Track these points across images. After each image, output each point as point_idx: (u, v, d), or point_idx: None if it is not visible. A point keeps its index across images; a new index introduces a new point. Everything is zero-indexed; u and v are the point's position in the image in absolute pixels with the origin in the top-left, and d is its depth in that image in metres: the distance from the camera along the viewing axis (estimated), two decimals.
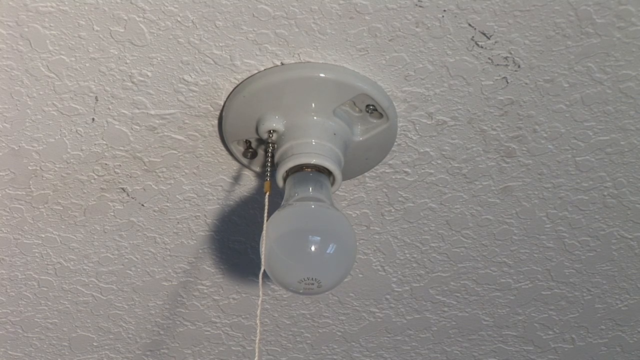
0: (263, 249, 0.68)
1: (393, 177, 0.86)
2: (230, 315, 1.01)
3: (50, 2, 0.68)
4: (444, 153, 0.83)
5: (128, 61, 0.73)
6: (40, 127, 0.78)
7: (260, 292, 0.63)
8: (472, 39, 0.73)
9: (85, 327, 1.00)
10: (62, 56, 0.72)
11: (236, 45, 0.72)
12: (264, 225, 0.68)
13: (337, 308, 1.01)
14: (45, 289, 0.94)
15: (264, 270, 0.69)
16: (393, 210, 0.90)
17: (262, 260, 0.65)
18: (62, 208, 0.86)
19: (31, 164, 0.81)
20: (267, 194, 0.71)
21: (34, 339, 1.00)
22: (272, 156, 0.76)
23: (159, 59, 0.73)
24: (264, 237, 0.69)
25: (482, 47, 0.73)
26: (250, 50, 0.72)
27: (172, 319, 1.01)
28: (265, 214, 0.69)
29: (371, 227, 0.91)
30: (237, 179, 0.85)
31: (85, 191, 0.84)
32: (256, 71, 0.74)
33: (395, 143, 0.81)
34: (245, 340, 1.04)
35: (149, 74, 0.74)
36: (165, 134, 0.79)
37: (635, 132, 0.83)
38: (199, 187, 0.85)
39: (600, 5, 0.70)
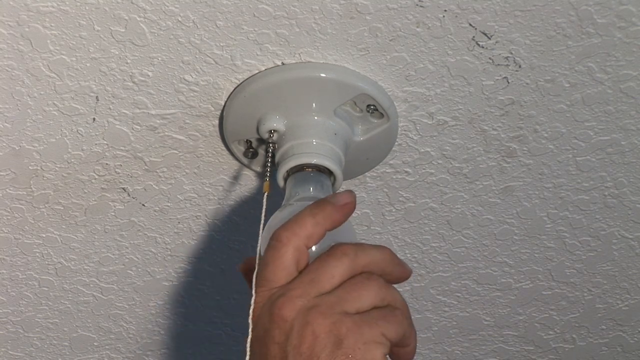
0: (259, 249, 0.68)
1: (394, 177, 0.86)
2: (231, 315, 1.01)
3: (51, 2, 0.68)
4: (444, 153, 0.83)
5: (129, 61, 0.73)
6: (41, 127, 0.78)
7: (254, 291, 0.63)
8: (472, 39, 0.73)
9: (86, 327, 1.00)
10: (63, 56, 0.72)
11: (237, 45, 0.72)
12: (260, 226, 0.68)
13: None
14: (46, 288, 0.94)
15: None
16: (394, 210, 0.90)
17: (257, 260, 0.65)
18: (62, 208, 0.86)
19: (32, 163, 0.81)
20: (266, 194, 0.71)
21: (35, 338, 1.01)
22: (273, 156, 0.76)
23: (159, 58, 0.73)
24: (261, 238, 0.69)
25: (482, 47, 0.73)
26: (251, 50, 0.72)
27: (172, 319, 1.01)
28: (263, 215, 0.69)
29: (372, 227, 0.91)
30: (237, 178, 0.85)
31: (86, 191, 0.84)
32: (257, 71, 0.74)
33: (396, 143, 0.81)
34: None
35: (150, 73, 0.74)
36: (166, 133, 0.79)
37: (636, 132, 0.83)
38: (199, 187, 0.85)
39: (601, 5, 0.70)
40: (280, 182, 0.74)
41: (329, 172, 0.74)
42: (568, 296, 1.02)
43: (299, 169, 0.73)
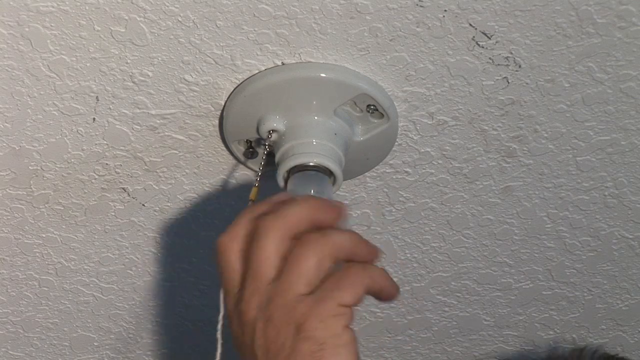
0: None
1: (394, 177, 0.86)
2: None
3: (51, 2, 0.68)
4: (444, 153, 0.83)
5: (129, 61, 0.73)
6: (41, 127, 0.78)
7: (222, 307, 0.64)
8: (472, 39, 0.73)
9: (86, 327, 1.00)
10: (63, 56, 0.72)
11: (237, 45, 0.72)
12: None
13: None
14: (46, 288, 0.94)
15: None
16: (394, 210, 0.90)
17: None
18: (62, 208, 0.86)
19: (32, 163, 0.81)
20: (251, 202, 0.70)
21: (35, 338, 1.01)
22: (271, 156, 0.76)
23: (159, 58, 0.73)
24: None
25: (483, 47, 0.73)
26: (251, 50, 0.72)
27: (172, 319, 1.01)
28: None
29: (372, 227, 0.91)
30: (237, 179, 0.85)
31: (86, 191, 0.84)
32: (257, 71, 0.74)
33: (396, 143, 0.81)
34: None
35: (150, 73, 0.74)
36: (166, 133, 0.79)
37: (636, 132, 0.83)
38: (199, 187, 0.85)
39: (601, 5, 0.70)
40: (281, 182, 0.74)
41: (329, 172, 0.74)
42: (568, 296, 1.02)
43: (299, 169, 0.73)
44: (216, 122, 0.79)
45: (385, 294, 0.62)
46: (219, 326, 0.63)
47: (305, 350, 0.56)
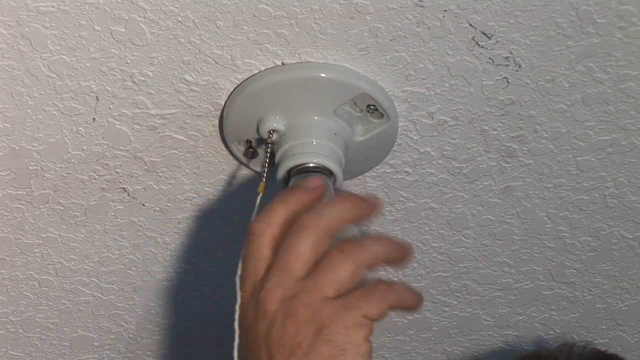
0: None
1: (394, 177, 0.86)
2: (231, 315, 1.01)
3: (51, 2, 0.68)
4: (444, 153, 0.83)
5: (129, 61, 0.73)
6: (41, 127, 0.78)
7: (238, 289, 0.63)
8: (472, 39, 0.73)
9: (86, 327, 1.00)
10: (63, 56, 0.72)
11: (237, 45, 0.72)
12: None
13: None
14: (46, 288, 0.94)
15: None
16: (394, 210, 0.90)
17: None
18: (62, 208, 0.86)
19: (32, 163, 0.81)
20: (260, 195, 0.71)
21: (35, 338, 1.01)
22: (272, 156, 0.76)
23: (159, 58, 0.73)
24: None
25: (483, 47, 0.73)
26: (251, 50, 0.72)
27: (172, 319, 1.01)
28: (254, 215, 0.69)
29: (372, 227, 0.91)
30: (238, 179, 0.85)
31: (86, 191, 0.84)
32: (257, 71, 0.74)
33: (396, 143, 0.81)
34: None
35: (150, 73, 0.74)
36: (166, 133, 0.79)
37: (636, 132, 0.83)
38: (199, 187, 0.85)
39: (601, 5, 0.70)
40: (281, 183, 0.74)
41: (329, 172, 0.74)
42: (568, 296, 1.02)
43: (299, 169, 0.73)
44: (216, 122, 0.79)
45: (408, 308, 0.63)
46: (237, 316, 0.63)
47: (324, 352, 0.57)
